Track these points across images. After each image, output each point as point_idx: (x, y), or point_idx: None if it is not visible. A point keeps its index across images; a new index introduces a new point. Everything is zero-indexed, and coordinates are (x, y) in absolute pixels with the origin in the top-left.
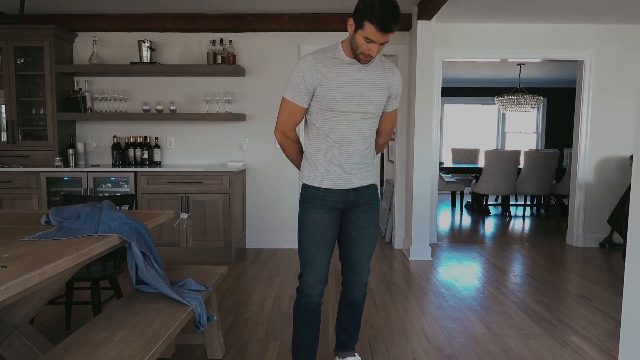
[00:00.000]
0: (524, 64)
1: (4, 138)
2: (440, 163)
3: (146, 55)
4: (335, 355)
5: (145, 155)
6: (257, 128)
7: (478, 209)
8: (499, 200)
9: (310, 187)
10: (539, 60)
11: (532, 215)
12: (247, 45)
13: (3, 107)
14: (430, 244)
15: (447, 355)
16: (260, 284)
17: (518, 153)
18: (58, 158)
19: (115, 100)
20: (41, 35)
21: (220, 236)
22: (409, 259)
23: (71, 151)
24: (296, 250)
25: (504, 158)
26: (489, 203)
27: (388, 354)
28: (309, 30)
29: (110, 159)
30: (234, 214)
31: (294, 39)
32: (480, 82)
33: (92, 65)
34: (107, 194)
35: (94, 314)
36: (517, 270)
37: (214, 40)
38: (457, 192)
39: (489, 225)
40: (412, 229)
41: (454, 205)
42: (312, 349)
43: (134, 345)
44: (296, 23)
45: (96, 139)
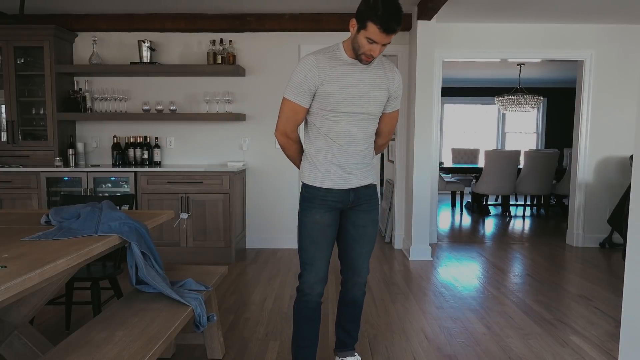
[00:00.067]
0: (524, 64)
1: (4, 138)
2: (440, 163)
3: (146, 55)
4: (335, 355)
5: (145, 155)
6: (257, 128)
7: (478, 209)
8: (499, 200)
9: (310, 187)
10: (539, 60)
11: (532, 215)
12: (247, 45)
13: (3, 107)
14: (430, 244)
15: (447, 355)
16: (260, 284)
17: (518, 153)
18: (58, 158)
19: (115, 100)
20: (41, 35)
21: (220, 236)
22: (409, 259)
23: (71, 151)
24: (296, 250)
25: (504, 158)
26: (489, 203)
27: (388, 354)
28: (309, 30)
29: (110, 159)
30: (234, 214)
31: (294, 39)
32: (480, 82)
33: (92, 65)
34: (107, 194)
35: (94, 314)
36: (517, 270)
37: (214, 40)
38: (457, 192)
39: (489, 225)
40: (412, 229)
41: (454, 205)
42: (312, 349)
43: (134, 345)
44: (296, 23)
45: (96, 139)
